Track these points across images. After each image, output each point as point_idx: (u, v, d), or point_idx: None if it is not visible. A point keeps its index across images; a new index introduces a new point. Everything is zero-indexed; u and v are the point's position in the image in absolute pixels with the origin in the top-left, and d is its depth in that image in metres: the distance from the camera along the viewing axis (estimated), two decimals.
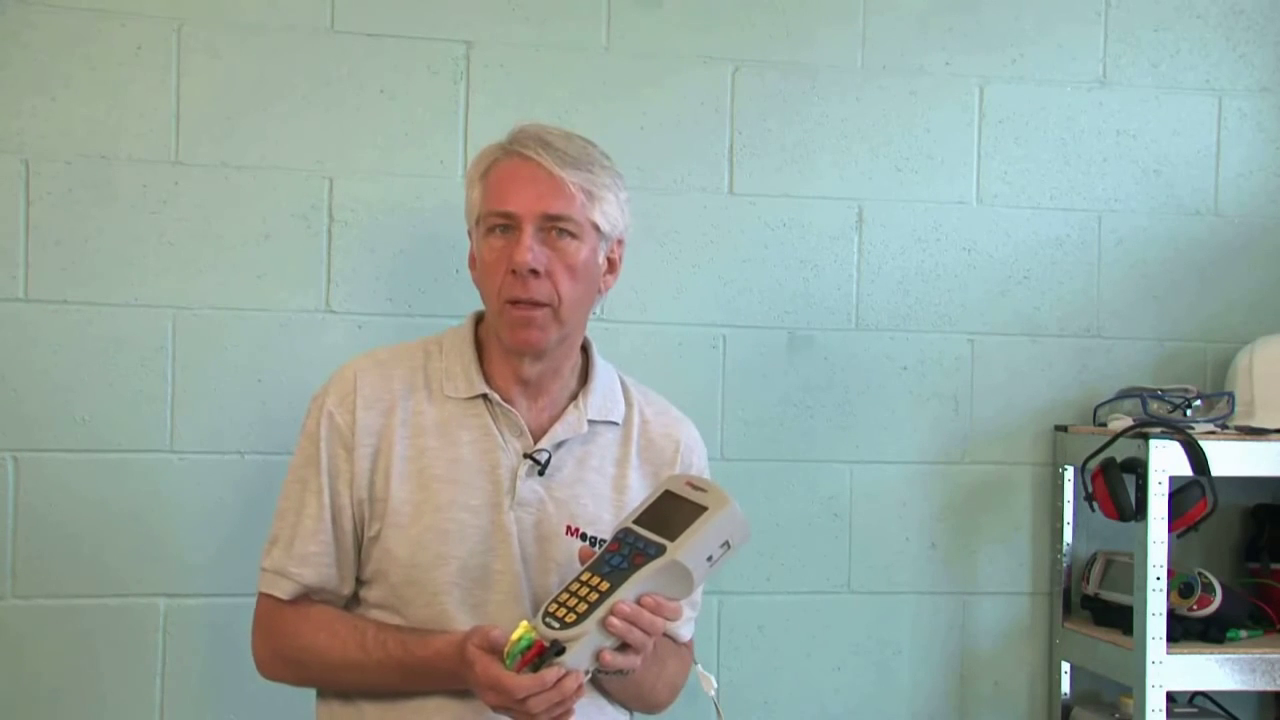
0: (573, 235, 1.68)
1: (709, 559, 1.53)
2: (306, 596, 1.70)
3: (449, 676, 1.60)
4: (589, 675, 1.51)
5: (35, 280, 2.17)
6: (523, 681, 1.48)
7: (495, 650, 1.52)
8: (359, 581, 1.73)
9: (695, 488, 1.57)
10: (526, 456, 1.70)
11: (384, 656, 1.65)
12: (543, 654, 1.48)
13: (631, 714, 1.83)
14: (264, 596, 1.73)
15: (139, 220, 2.20)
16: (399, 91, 2.28)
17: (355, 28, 2.27)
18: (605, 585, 1.50)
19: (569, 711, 1.52)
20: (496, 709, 1.54)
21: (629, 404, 1.81)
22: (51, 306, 2.17)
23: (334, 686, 1.73)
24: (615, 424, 1.78)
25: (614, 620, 1.48)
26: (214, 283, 2.22)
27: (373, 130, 2.28)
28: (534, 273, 1.65)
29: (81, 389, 2.18)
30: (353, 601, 1.74)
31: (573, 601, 1.50)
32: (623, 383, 1.83)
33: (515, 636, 1.49)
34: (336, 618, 1.70)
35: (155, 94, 2.20)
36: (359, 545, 1.72)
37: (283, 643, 1.72)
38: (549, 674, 1.47)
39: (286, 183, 2.24)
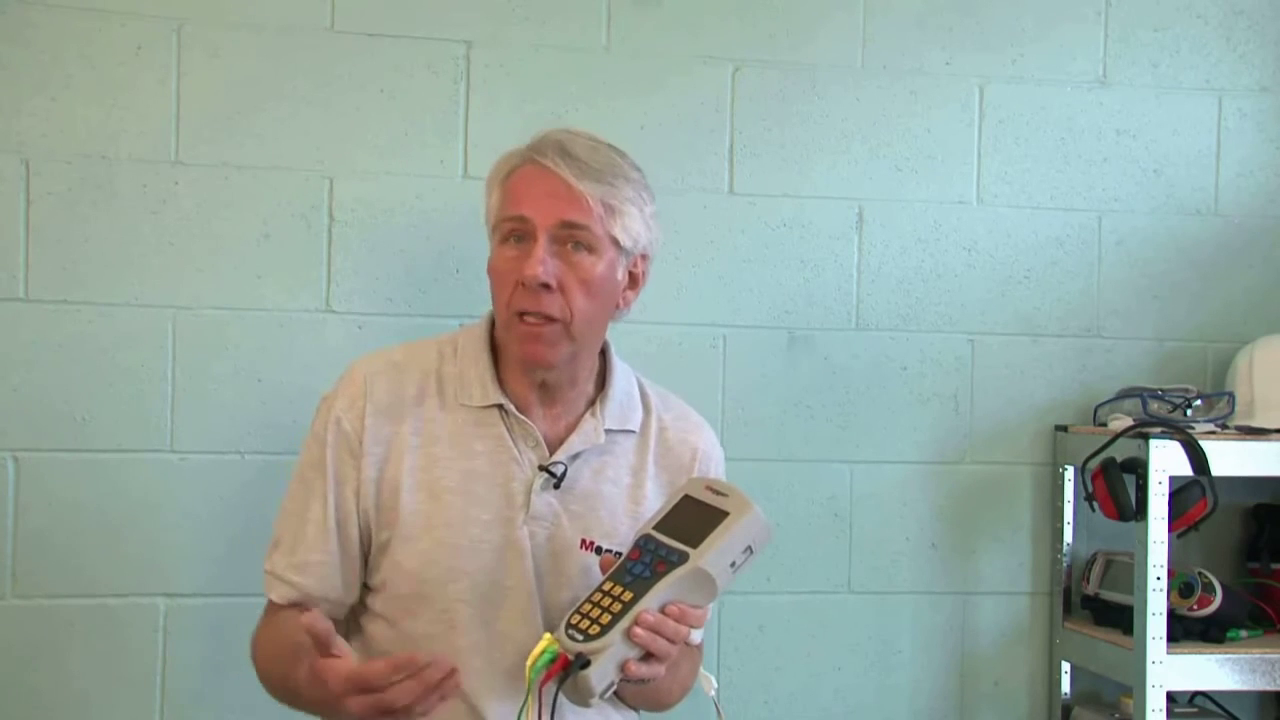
0: (589, 249, 1.61)
1: (732, 565, 1.49)
2: (305, 604, 1.65)
3: (316, 684, 1.47)
4: (614, 687, 1.47)
5: (35, 280, 2.17)
6: (376, 668, 1.38)
7: (323, 643, 1.42)
8: (365, 588, 1.70)
9: (715, 492, 1.53)
10: (542, 469, 1.66)
11: (285, 641, 1.59)
12: (568, 667, 1.43)
13: (639, 714, 1.82)
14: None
15: (139, 220, 2.20)
16: (399, 91, 2.28)
17: (355, 28, 2.27)
18: (628, 595, 1.46)
19: (442, 696, 1.41)
20: (367, 713, 1.41)
21: (647, 410, 1.75)
22: (51, 306, 2.17)
23: (264, 683, 1.68)
24: (632, 432, 1.73)
25: (639, 630, 1.44)
26: (214, 283, 2.22)
27: (373, 130, 2.27)
28: (545, 286, 1.59)
29: (81, 389, 2.17)
30: (359, 608, 1.71)
31: (595, 612, 1.46)
32: (641, 387, 1.78)
33: (539, 650, 1.44)
34: (288, 617, 1.64)
35: (155, 94, 2.20)
36: (365, 554, 1.68)
37: (254, 640, 1.71)
38: (401, 658, 1.39)
39: (286, 183, 2.24)
